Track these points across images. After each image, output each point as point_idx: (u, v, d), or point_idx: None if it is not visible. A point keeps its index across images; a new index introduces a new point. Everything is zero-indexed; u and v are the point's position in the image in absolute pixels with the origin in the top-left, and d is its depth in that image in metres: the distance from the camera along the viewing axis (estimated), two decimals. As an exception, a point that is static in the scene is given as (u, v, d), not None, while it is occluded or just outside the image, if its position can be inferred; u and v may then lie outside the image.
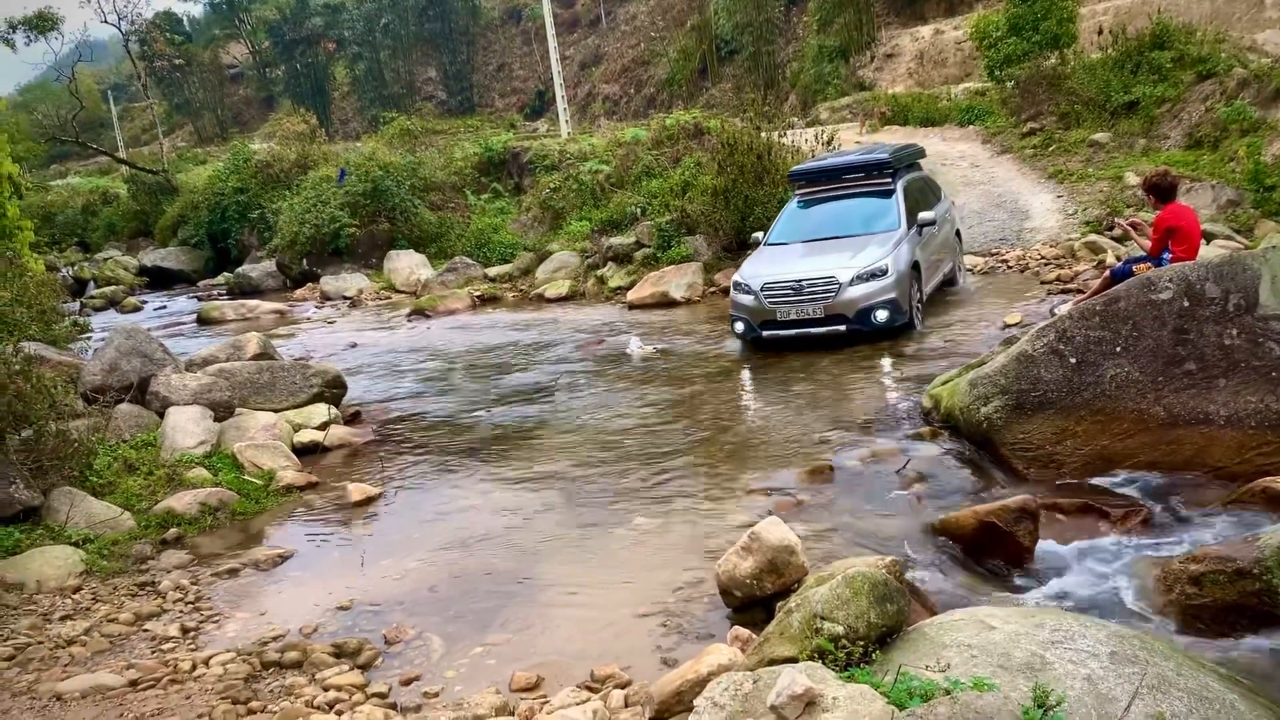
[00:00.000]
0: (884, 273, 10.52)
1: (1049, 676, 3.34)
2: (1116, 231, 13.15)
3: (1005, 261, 14.54)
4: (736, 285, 11.24)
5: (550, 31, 30.37)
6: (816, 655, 3.69)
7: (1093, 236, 14.19)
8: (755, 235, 12.56)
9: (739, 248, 15.72)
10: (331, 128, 53.33)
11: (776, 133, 18.32)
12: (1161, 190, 8.48)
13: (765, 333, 10.80)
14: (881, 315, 10.41)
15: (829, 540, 5.82)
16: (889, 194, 11.85)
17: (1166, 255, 8.27)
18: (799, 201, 12.71)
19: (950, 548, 5.57)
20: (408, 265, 21.16)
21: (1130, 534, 5.58)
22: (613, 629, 5.18)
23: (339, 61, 59.03)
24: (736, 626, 4.65)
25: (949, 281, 12.76)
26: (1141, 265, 8.31)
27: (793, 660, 3.68)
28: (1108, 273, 9.00)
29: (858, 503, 6.45)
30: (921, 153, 13.85)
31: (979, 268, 14.51)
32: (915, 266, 11.03)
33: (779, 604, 4.46)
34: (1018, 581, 5.25)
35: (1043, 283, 12.90)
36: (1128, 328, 6.46)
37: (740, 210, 16.28)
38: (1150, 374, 6.34)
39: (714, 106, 33.32)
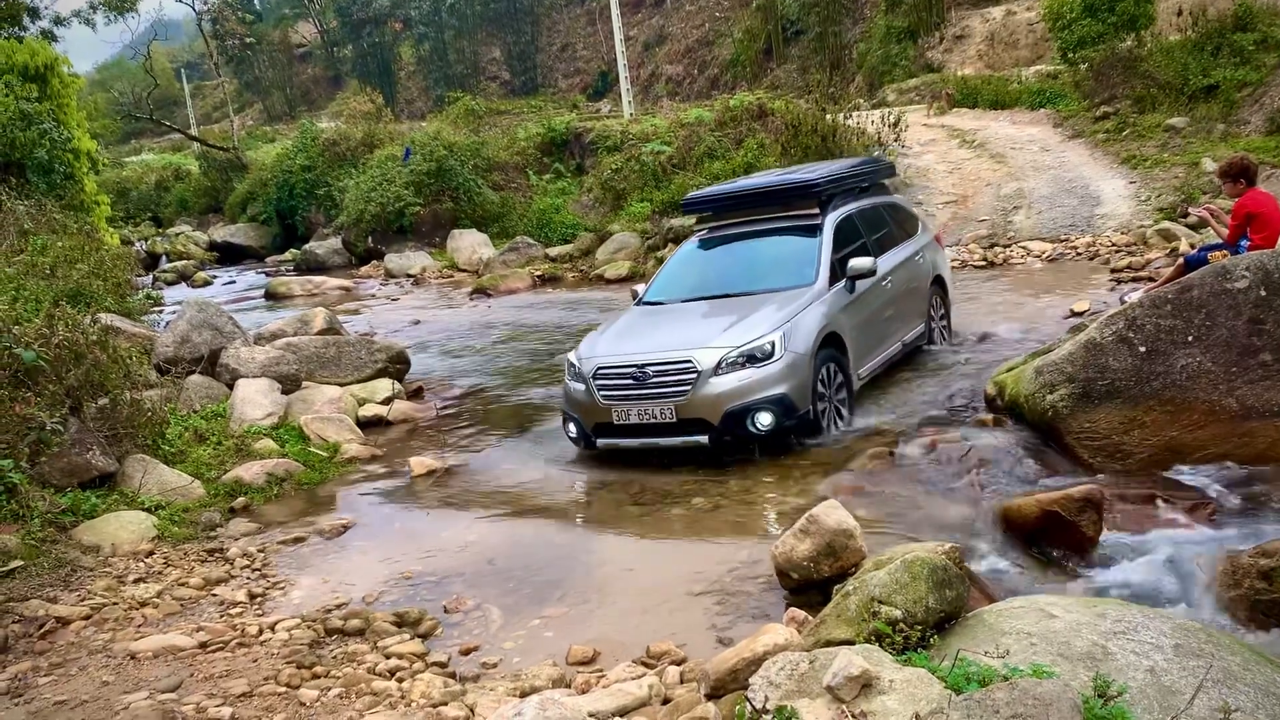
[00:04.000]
0: (768, 355, 7.23)
1: (1111, 667, 3.30)
2: (1192, 219, 12.80)
3: (1074, 248, 14.27)
4: (569, 368, 7.93)
5: (615, 11, 30.31)
6: (873, 638, 3.68)
7: (1166, 224, 13.84)
8: (635, 288, 9.30)
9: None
10: (397, 107, 53.82)
11: (842, 114, 18.16)
12: (1240, 176, 8.25)
13: (599, 440, 7.64)
14: (764, 419, 7.15)
15: (888, 525, 5.79)
16: (814, 232, 8.47)
17: (1244, 243, 8.05)
18: (699, 241, 9.29)
19: (1012, 536, 5.51)
20: (470, 244, 21.37)
21: (1198, 527, 5.47)
22: (668, 606, 5.22)
23: (405, 41, 59.53)
24: (793, 608, 4.66)
25: (918, 344, 9.46)
26: (1217, 253, 8.09)
27: (849, 643, 3.68)
28: (1181, 260, 8.79)
29: (918, 489, 6.40)
30: (888, 170, 10.64)
31: (1046, 254, 14.26)
32: (834, 340, 7.78)
33: (836, 587, 4.45)
34: (1080, 571, 5.18)
35: (1113, 270, 12.64)
36: (1201, 317, 6.30)
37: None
38: (1223, 364, 6.18)
39: (778, 88, 33.04)
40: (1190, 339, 6.28)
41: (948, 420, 7.58)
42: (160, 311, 15.41)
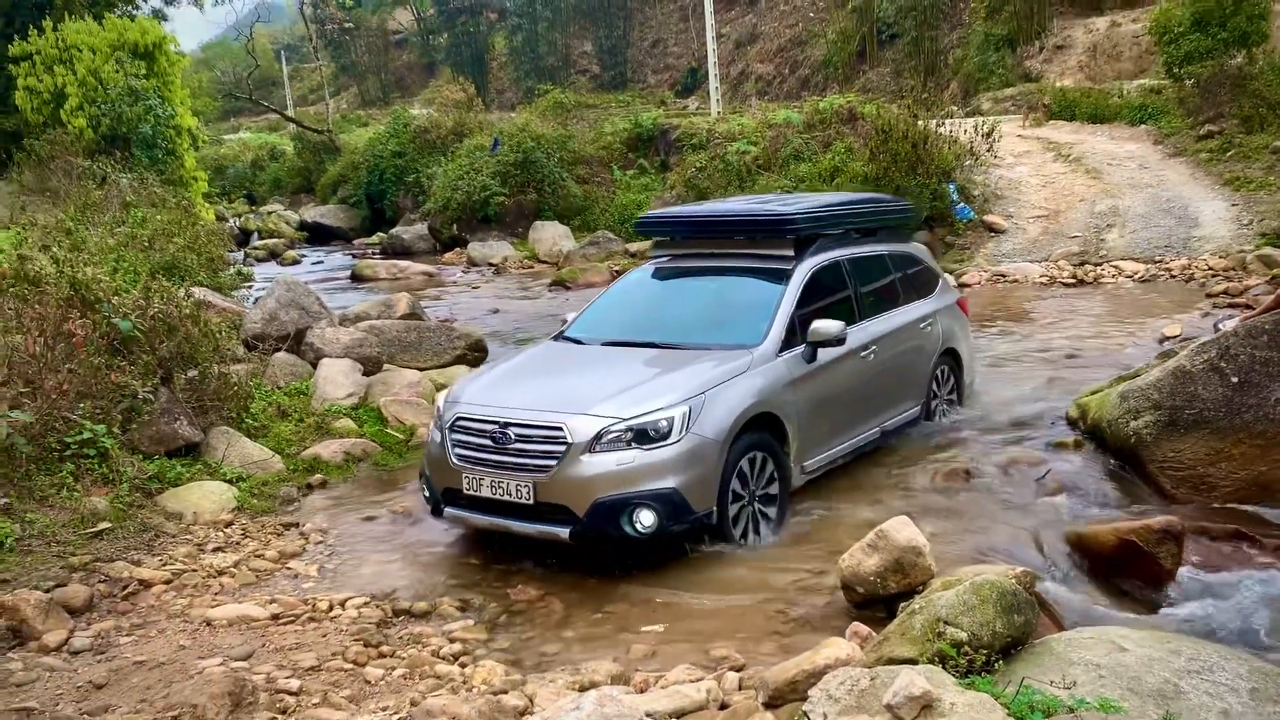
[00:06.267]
0: (662, 435, 5.64)
1: (1182, 706, 3.22)
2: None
3: (1169, 270, 13.89)
4: (435, 412, 6.56)
5: (708, 8, 30.23)
6: (937, 659, 3.65)
7: (1268, 249, 13.37)
8: (567, 315, 7.85)
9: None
10: (488, 97, 54.45)
11: (934, 121, 17.88)
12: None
13: (446, 509, 6.10)
14: (645, 519, 5.55)
15: (958, 544, 5.71)
16: (780, 279, 6.81)
17: (1349, 275, 7.76)
18: (654, 269, 7.71)
19: (1086, 563, 5.40)
20: (551, 236, 21.55)
21: (1284, 567, 5.30)
22: (731, 612, 5.22)
23: (499, 32, 60.16)
24: (856, 622, 4.62)
25: (907, 426, 7.72)
26: (1320, 284, 7.81)
27: (912, 662, 3.65)
28: (1282, 289, 8.51)
29: (992, 509, 6.31)
30: (903, 212, 8.72)
31: (1138, 275, 13.90)
32: (769, 422, 6.16)
33: (901, 604, 4.41)
34: (1155, 605, 5.05)
35: (1208, 295, 12.26)
36: (1299, 349, 6.09)
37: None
38: (1320, 400, 5.97)
39: (870, 91, 32.65)
40: (1286, 372, 6.08)
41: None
42: (250, 287, 15.83)
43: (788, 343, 6.45)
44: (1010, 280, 14.63)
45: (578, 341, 7.10)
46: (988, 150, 18.58)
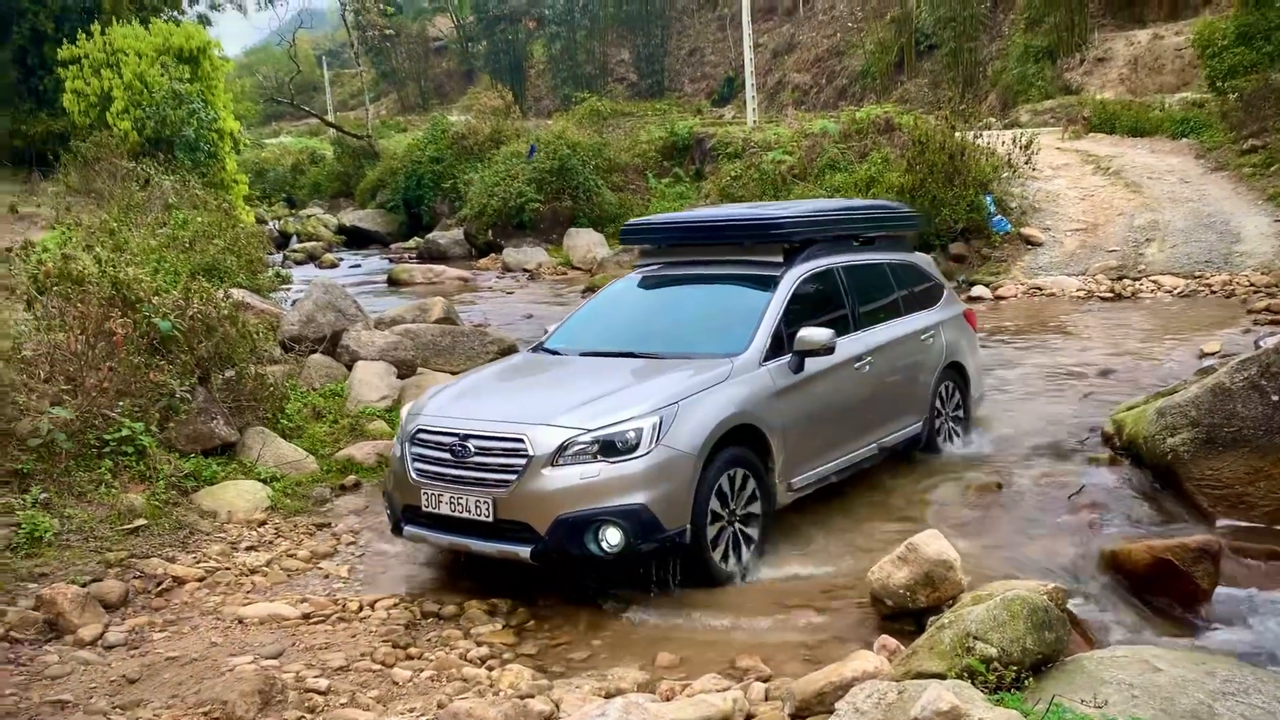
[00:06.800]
0: (630, 446, 5.32)
1: (1216, 728, 3.18)
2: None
3: (1209, 286, 13.71)
4: (400, 424, 6.29)
5: (746, 18, 30.26)
6: (965, 675, 3.62)
7: (1312, 266, 13.17)
8: (548, 326, 7.60)
9: (923, 248, 15.26)
10: (525, 104, 54.75)
11: (972, 133, 17.77)
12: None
13: (406, 527, 5.83)
14: (612, 538, 5.25)
15: (989, 559, 5.66)
16: (769, 285, 6.51)
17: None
18: (640, 278, 7.39)
19: (1119, 581, 5.33)
20: (586, 243, 21.65)
21: (1323, 589, 5.20)
22: (758, 621, 5.20)
23: (537, 39, 60.52)
24: (884, 635, 4.60)
25: (908, 447, 7.39)
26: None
27: (940, 676, 3.63)
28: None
29: (1025, 524, 6.25)
30: (907, 220, 8.28)
31: (1178, 290, 13.73)
32: (750, 435, 5.84)
33: (930, 618, 4.38)
34: (1190, 625, 4.98)
35: (1249, 312, 12.09)
36: (1343, 368, 5.99)
37: (926, 211, 15.86)
38: (1364, 420, 5.86)
39: (908, 102, 32.51)
40: (1329, 391, 5.97)
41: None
42: (288, 290, 16.01)
43: (774, 352, 6.13)
44: (1046, 293, 14.51)
45: (555, 353, 6.84)
46: (1026, 162, 18.44)
